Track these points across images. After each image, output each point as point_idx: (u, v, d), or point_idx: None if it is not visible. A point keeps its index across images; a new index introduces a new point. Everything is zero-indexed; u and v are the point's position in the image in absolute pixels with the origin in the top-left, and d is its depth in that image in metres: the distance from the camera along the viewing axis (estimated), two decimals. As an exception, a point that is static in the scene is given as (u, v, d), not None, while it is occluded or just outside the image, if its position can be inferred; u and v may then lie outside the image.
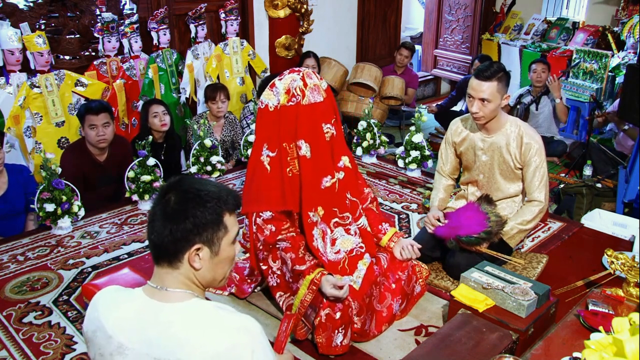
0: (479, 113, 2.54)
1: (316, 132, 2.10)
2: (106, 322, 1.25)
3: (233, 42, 4.76)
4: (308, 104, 2.07)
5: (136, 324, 1.22)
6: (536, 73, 4.73)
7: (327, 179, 2.14)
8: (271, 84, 2.12)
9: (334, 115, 2.16)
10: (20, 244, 2.98)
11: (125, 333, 1.22)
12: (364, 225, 2.30)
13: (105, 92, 4.05)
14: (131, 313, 1.24)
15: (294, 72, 2.11)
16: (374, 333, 2.20)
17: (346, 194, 2.24)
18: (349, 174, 2.24)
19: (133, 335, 1.22)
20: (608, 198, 3.83)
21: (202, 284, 1.29)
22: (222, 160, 3.68)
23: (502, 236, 2.59)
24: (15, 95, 3.60)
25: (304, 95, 2.06)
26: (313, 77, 2.10)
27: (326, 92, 2.13)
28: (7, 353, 2.14)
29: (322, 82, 2.13)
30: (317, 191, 2.13)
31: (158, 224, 1.22)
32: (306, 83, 2.07)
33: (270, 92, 2.11)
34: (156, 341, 1.19)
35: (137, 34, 4.21)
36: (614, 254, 2.24)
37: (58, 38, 3.97)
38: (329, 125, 2.12)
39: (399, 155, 3.92)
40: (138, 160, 3.28)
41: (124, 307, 1.26)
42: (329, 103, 2.13)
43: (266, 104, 2.12)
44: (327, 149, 2.13)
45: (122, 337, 1.22)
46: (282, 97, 2.08)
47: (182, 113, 4.56)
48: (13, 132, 3.61)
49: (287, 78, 2.09)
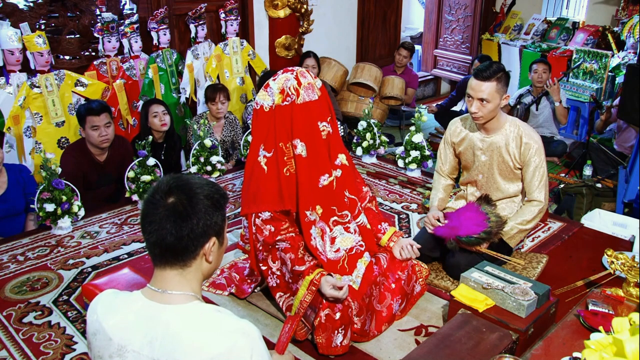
0: (478, 113, 2.54)
1: (312, 130, 2.09)
2: (106, 325, 1.26)
3: (233, 42, 4.77)
4: (303, 103, 2.06)
5: (136, 326, 1.23)
6: (537, 73, 4.72)
7: (324, 178, 2.14)
8: (265, 85, 2.12)
9: (330, 113, 2.15)
10: (20, 244, 2.98)
11: (125, 335, 1.23)
12: (364, 223, 2.30)
13: (105, 92, 4.05)
14: (131, 316, 1.25)
15: (287, 72, 2.10)
16: (374, 333, 2.20)
17: (344, 192, 2.23)
18: (347, 172, 2.24)
19: (133, 337, 1.22)
20: (608, 198, 3.83)
21: (206, 276, 1.34)
22: (222, 160, 3.68)
23: (502, 236, 2.59)
24: (15, 95, 3.60)
25: (299, 94, 2.06)
26: (307, 75, 2.09)
27: (321, 90, 2.12)
28: (7, 353, 2.14)
29: (316, 80, 2.12)
30: (315, 190, 2.12)
31: (169, 226, 1.22)
32: (300, 82, 2.06)
33: (264, 93, 2.11)
34: (156, 342, 1.20)
35: (137, 34, 4.22)
36: (614, 254, 2.24)
37: (58, 38, 3.97)
38: (325, 123, 2.12)
39: (399, 155, 3.92)
40: (138, 160, 3.28)
41: (124, 310, 1.27)
42: (323, 101, 2.12)
43: (261, 105, 2.12)
44: (323, 147, 2.12)
45: (122, 339, 1.23)
46: (277, 97, 2.08)
47: (182, 113, 4.56)
48: (13, 132, 3.61)
49: (280, 78, 2.09)
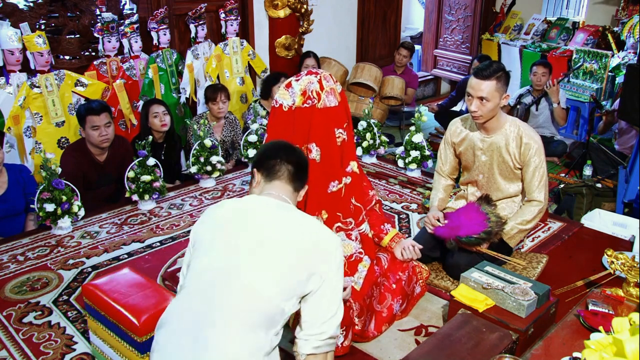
0: (478, 112, 2.54)
1: (328, 136, 2.09)
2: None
3: (233, 42, 4.76)
4: (323, 108, 2.06)
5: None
6: (536, 76, 4.70)
7: (334, 184, 2.14)
8: (287, 84, 2.11)
9: (347, 120, 2.15)
10: (20, 244, 2.98)
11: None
12: (366, 231, 2.30)
13: (105, 92, 4.05)
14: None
15: (311, 74, 2.10)
16: (374, 334, 2.20)
17: (351, 199, 2.23)
18: (356, 179, 2.24)
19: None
20: (608, 198, 3.83)
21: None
22: (222, 160, 3.68)
23: (502, 236, 2.59)
24: (15, 95, 3.60)
25: (320, 98, 2.06)
26: (330, 80, 2.09)
27: (340, 96, 2.12)
28: (7, 353, 2.14)
29: (337, 85, 2.12)
30: (323, 195, 2.13)
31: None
32: (323, 86, 2.06)
33: (285, 92, 2.10)
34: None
35: (137, 34, 4.21)
36: (614, 254, 2.24)
37: (58, 38, 3.97)
38: (341, 130, 2.12)
39: (399, 155, 3.92)
40: (138, 160, 3.28)
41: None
42: (342, 107, 2.12)
43: (280, 104, 2.11)
44: (337, 153, 2.12)
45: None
46: (298, 99, 2.07)
47: (182, 113, 4.56)
48: (13, 132, 3.61)
49: (304, 79, 2.08)
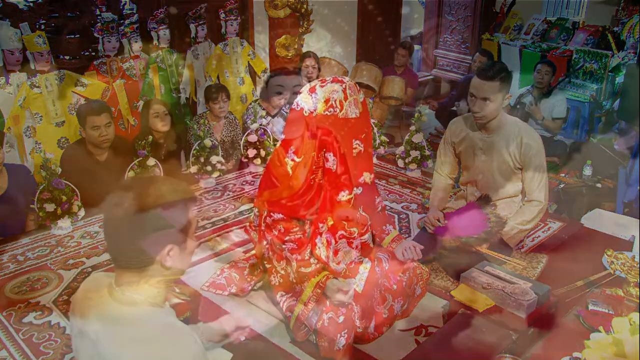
0: (481, 112, 2.54)
1: (346, 147, 2.09)
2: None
3: (233, 42, 4.76)
4: (344, 118, 2.06)
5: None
6: (540, 74, 4.77)
7: (344, 193, 2.14)
8: (311, 89, 2.09)
9: (365, 130, 2.15)
10: (20, 244, 2.98)
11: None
12: (367, 241, 2.31)
13: (105, 92, 4.05)
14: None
15: (337, 82, 2.08)
16: (375, 335, 2.20)
17: (359, 209, 2.23)
18: (367, 190, 2.24)
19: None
20: (608, 198, 3.83)
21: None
22: (222, 160, 3.68)
23: (502, 236, 2.59)
24: (15, 95, 3.60)
25: (342, 108, 2.05)
26: (354, 90, 2.09)
27: (362, 106, 2.11)
28: (7, 353, 2.13)
29: (360, 94, 2.12)
30: (332, 204, 2.14)
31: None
32: (346, 96, 2.06)
33: (308, 97, 2.08)
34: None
35: (137, 34, 4.21)
36: (614, 254, 2.24)
37: (58, 38, 3.97)
38: (358, 142, 2.11)
39: (399, 155, 3.91)
40: (138, 160, 3.28)
41: None
42: (362, 118, 2.11)
43: (301, 107, 2.10)
44: (352, 164, 2.12)
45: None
46: (320, 105, 2.06)
47: (182, 113, 4.56)
48: (13, 132, 3.61)
49: (328, 87, 2.07)
